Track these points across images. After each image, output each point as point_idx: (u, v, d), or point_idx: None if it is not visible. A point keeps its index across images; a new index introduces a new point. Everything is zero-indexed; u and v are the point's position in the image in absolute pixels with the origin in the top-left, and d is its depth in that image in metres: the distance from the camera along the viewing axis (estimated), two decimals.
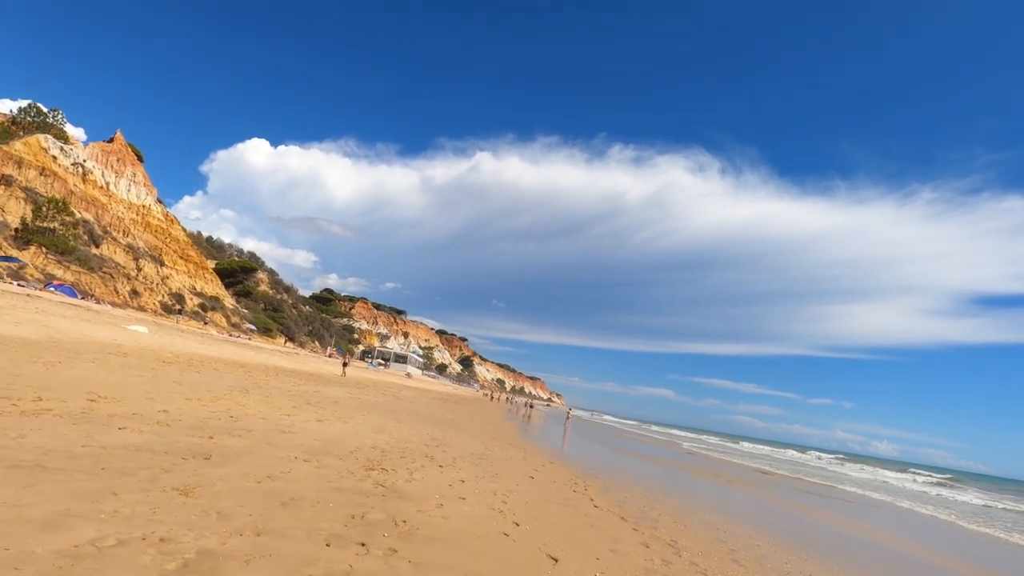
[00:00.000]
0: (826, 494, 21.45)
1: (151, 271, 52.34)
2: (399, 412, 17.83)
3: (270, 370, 22.06)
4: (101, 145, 54.97)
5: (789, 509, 14.68)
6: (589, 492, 9.81)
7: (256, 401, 11.45)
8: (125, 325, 24.16)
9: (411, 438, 11.63)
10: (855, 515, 16.19)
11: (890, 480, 41.97)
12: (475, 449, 12.43)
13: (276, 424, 9.11)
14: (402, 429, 12.95)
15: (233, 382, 14.21)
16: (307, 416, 11.06)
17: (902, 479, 45.76)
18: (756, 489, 18.86)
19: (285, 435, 8.34)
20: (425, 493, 6.59)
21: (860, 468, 54.00)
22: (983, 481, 72.39)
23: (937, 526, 17.25)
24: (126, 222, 53.66)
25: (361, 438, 9.88)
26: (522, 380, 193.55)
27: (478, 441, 14.50)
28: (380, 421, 13.56)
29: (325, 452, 7.72)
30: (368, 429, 11.36)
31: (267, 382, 16.68)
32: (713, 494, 15.16)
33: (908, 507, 21.14)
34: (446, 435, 13.95)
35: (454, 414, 24.67)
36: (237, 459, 6.13)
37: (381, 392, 26.28)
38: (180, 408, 8.48)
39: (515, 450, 14.46)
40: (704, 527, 8.88)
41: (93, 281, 44.25)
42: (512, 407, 61.03)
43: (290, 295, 74.59)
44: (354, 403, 16.85)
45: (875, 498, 23.22)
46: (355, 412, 14.26)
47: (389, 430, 12.09)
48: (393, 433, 11.69)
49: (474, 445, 13.22)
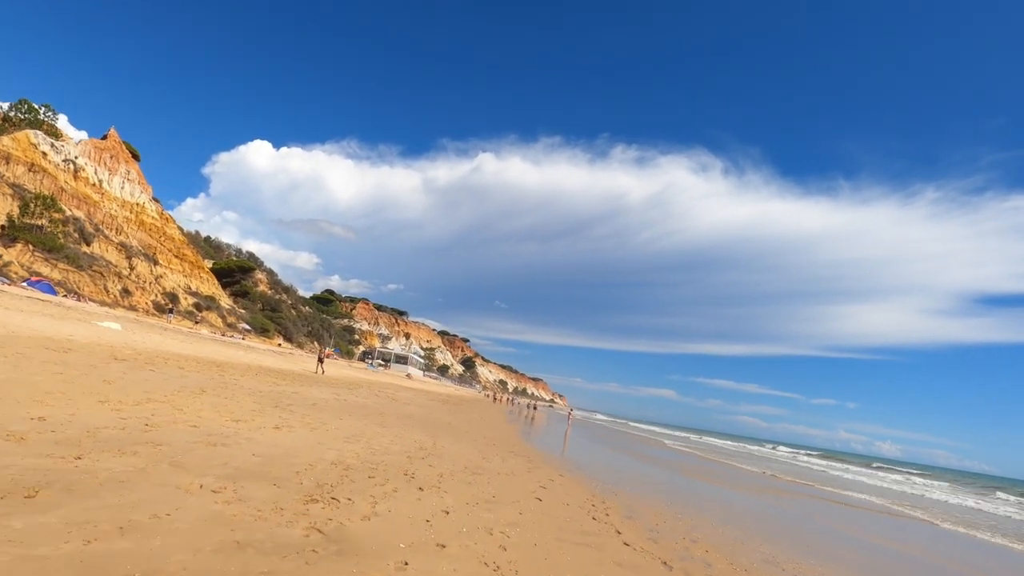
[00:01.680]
0: (850, 502, 19.15)
1: (144, 270, 50.29)
2: (388, 415, 15.62)
3: (252, 369, 19.88)
4: (94, 142, 53.02)
5: (833, 523, 12.43)
6: (612, 518, 7.58)
7: (203, 404, 9.26)
8: (97, 321, 22.03)
9: (392, 448, 9.42)
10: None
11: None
12: (470, 460, 10.22)
13: (209, 433, 6.92)
14: (384, 436, 10.74)
15: (192, 382, 12.03)
16: (263, 422, 8.86)
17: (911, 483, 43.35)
18: (776, 499, 16.58)
19: (212, 449, 6.15)
20: (385, 540, 4.39)
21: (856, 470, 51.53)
22: (983, 480, 69.75)
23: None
24: (119, 220, 51.64)
25: (323, 450, 7.68)
26: (524, 381, 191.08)
27: (475, 449, 12.28)
28: (359, 426, 11.35)
29: (257, 474, 5.53)
30: (338, 437, 9.15)
31: (238, 382, 14.50)
32: (747, 508, 12.89)
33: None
34: (437, 443, 11.74)
35: (452, 416, 22.45)
36: (93, 494, 3.94)
37: (374, 393, 24.08)
38: (75, 413, 6.30)
39: (518, 459, 12.24)
40: (767, 566, 6.65)
41: (82, 279, 42.19)
42: (514, 408, 58.80)
43: (289, 295, 72.44)
44: (336, 405, 14.66)
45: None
46: (332, 416, 12.06)
47: (367, 438, 9.89)
48: (371, 442, 9.48)
49: (469, 455, 11.01)
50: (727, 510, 11.77)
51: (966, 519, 18.46)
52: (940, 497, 28.16)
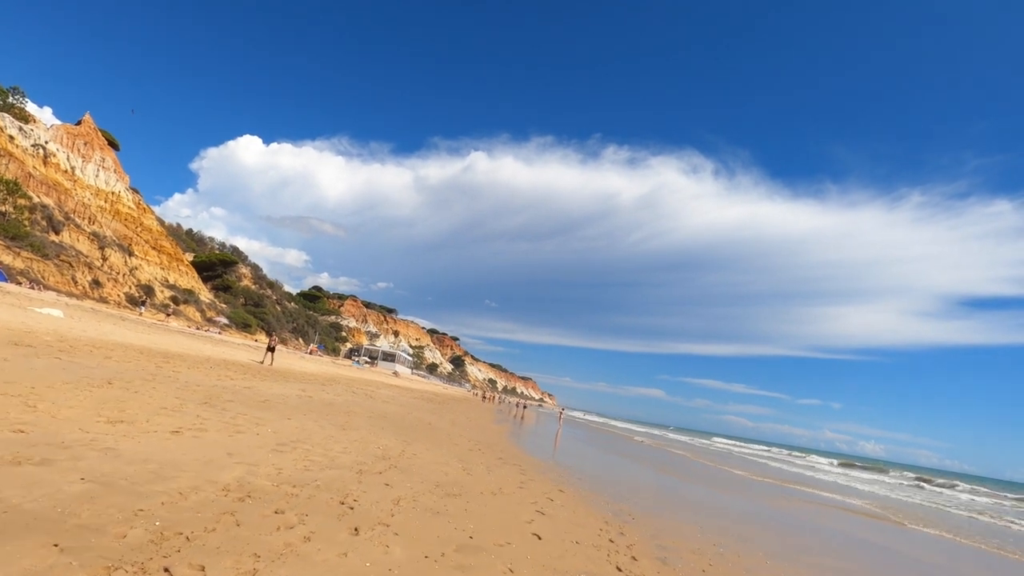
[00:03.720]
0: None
1: (118, 261, 47.17)
2: (357, 415, 13.12)
3: (209, 362, 17.25)
4: (67, 127, 49.78)
5: (885, 538, 10.15)
6: (641, 563, 5.20)
7: (87, 399, 6.73)
8: (36, 308, 19.26)
9: (341, 458, 6.95)
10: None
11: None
12: (447, 473, 7.78)
13: (34, 443, 4.41)
14: (338, 442, 8.27)
15: (108, 372, 9.47)
16: (161, 424, 6.35)
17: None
18: (803, 511, 14.31)
19: (14, 470, 3.67)
20: None
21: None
22: (948, 476, 68.43)
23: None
24: (92, 209, 48.46)
25: (228, 465, 5.20)
26: (514, 380, 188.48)
27: (455, 457, 9.83)
28: (309, 429, 8.85)
29: (49, 520, 3.07)
30: (266, 445, 6.65)
31: (176, 374, 11.91)
32: (793, 525, 10.56)
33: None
34: (409, 449, 9.29)
35: (434, 416, 19.97)
36: None
37: (350, 390, 21.51)
38: None
39: (507, 469, 9.82)
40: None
41: (47, 269, 39.06)
42: (503, 407, 56.39)
43: (274, 291, 69.32)
44: (292, 404, 12.13)
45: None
46: (278, 416, 9.56)
47: (310, 444, 7.41)
48: (312, 450, 7.00)
49: (447, 465, 8.56)
50: (776, 534, 9.41)
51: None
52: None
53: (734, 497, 14.63)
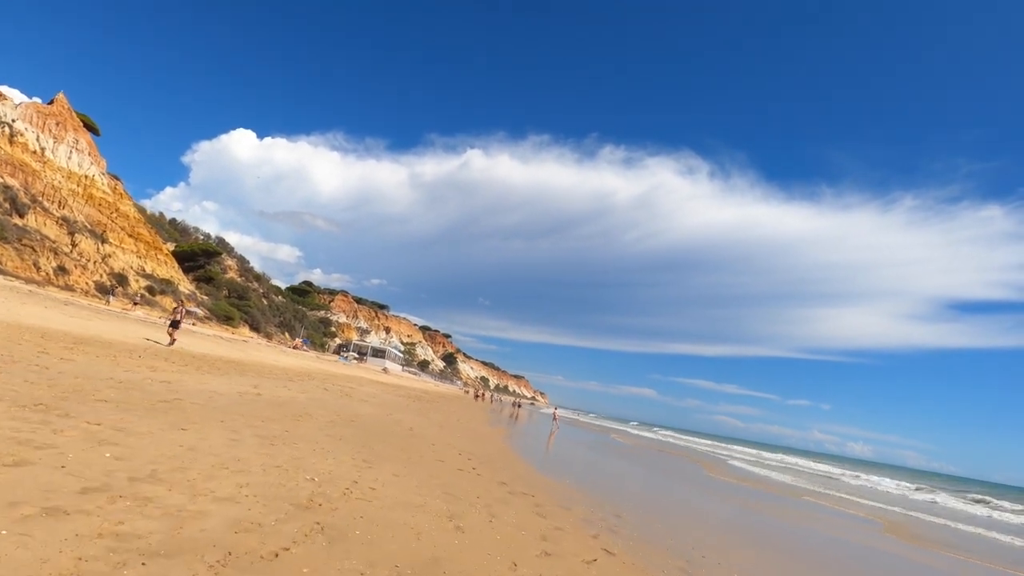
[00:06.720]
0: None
1: (89, 247, 43.27)
2: (310, 421, 9.72)
3: (148, 353, 13.79)
4: (37, 106, 45.84)
5: None
6: None
7: None
8: None
9: (213, 513, 3.62)
10: None
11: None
12: (418, 533, 4.45)
13: None
14: (241, 470, 4.91)
15: None
16: None
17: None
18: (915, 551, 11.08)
19: None
20: None
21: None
22: (947, 481, 66.03)
23: None
24: (63, 192, 44.55)
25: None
26: (506, 378, 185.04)
27: (438, 487, 6.49)
28: (200, 447, 5.47)
29: None
30: (62, 486, 3.33)
31: (64, 364, 8.49)
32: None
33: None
34: (365, 476, 5.96)
35: (420, 418, 16.59)
36: None
37: (322, 387, 18.09)
38: None
39: (518, 508, 6.51)
40: None
41: (5, 253, 35.20)
42: (498, 406, 53.04)
43: (261, 284, 65.46)
44: (220, 404, 8.72)
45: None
46: (170, 425, 6.17)
47: (176, 480, 4.07)
48: (165, 497, 3.67)
49: (423, 508, 5.23)
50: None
51: None
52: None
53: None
